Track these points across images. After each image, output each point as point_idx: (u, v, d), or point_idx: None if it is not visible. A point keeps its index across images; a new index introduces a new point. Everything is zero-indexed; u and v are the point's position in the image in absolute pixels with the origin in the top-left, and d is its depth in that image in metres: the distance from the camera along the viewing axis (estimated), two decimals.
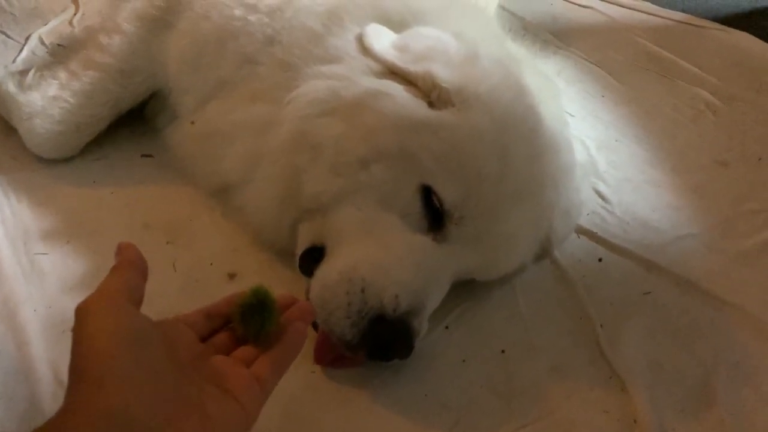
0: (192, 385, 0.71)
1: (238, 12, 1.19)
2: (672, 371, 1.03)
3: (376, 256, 0.95)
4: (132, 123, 1.38)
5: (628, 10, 2.00)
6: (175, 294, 1.08)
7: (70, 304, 1.04)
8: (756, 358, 1.05)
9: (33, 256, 1.14)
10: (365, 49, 1.08)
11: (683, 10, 2.01)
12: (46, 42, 1.65)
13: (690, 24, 1.93)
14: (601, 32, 1.90)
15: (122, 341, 0.66)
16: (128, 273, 0.75)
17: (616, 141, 1.49)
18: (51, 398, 0.93)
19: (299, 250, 1.06)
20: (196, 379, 0.72)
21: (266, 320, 0.79)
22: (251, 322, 0.79)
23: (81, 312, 0.69)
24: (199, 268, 1.14)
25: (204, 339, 0.81)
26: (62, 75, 1.32)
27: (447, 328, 1.08)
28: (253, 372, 0.77)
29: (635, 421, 0.95)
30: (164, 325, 0.75)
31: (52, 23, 1.74)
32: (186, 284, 1.11)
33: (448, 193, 0.97)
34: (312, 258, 1.02)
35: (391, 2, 1.16)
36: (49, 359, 0.99)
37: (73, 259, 1.14)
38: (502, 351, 1.05)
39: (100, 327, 0.67)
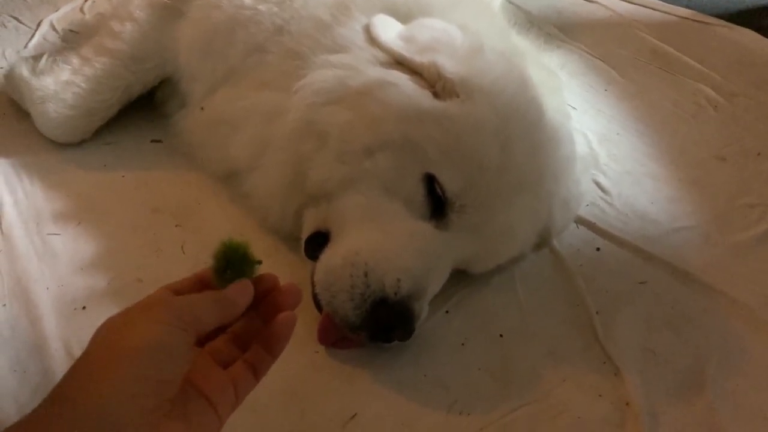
0: (180, 396, 0.69)
1: (248, 1, 1.21)
2: (664, 357, 1.05)
3: (379, 242, 0.97)
4: (142, 109, 1.41)
5: (632, 5, 2.01)
6: (185, 275, 1.10)
7: (80, 283, 1.10)
8: (746, 347, 1.07)
9: (45, 237, 1.17)
10: (372, 39, 1.10)
11: (687, 6, 2.02)
12: (58, 28, 1.68)
13: (694, 20, 1.94)
14: (605, 27, 1.92)
15: (140, 353, 0.65)
16: (212, 309, 0.73)
17: (618, 134, 1.51)
18: (63, 372, 0.94)
19: (304, 235, 1.07)
20: (184, 387, 0.70)
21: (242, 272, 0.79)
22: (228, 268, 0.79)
23: (143, 305, 0.69)
24: (207, 251, 1.14)
25: None
26: (75, 60, 1.34)
27: (447, 312, 1.10)
28: (229, 374, 0.74)
29: (627, 404, 0.97)
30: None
31: (63, 10, 1.76)
32: (195, 266, 1.10)
33: (450, 182, 0.99)
34: (317, 243, 1.04)
35: None
36: (61, 335, 1.02)
37: (84, 240, 1.17)
38: (500, 335, 1.07)
39: (134, 334, 0.66)
